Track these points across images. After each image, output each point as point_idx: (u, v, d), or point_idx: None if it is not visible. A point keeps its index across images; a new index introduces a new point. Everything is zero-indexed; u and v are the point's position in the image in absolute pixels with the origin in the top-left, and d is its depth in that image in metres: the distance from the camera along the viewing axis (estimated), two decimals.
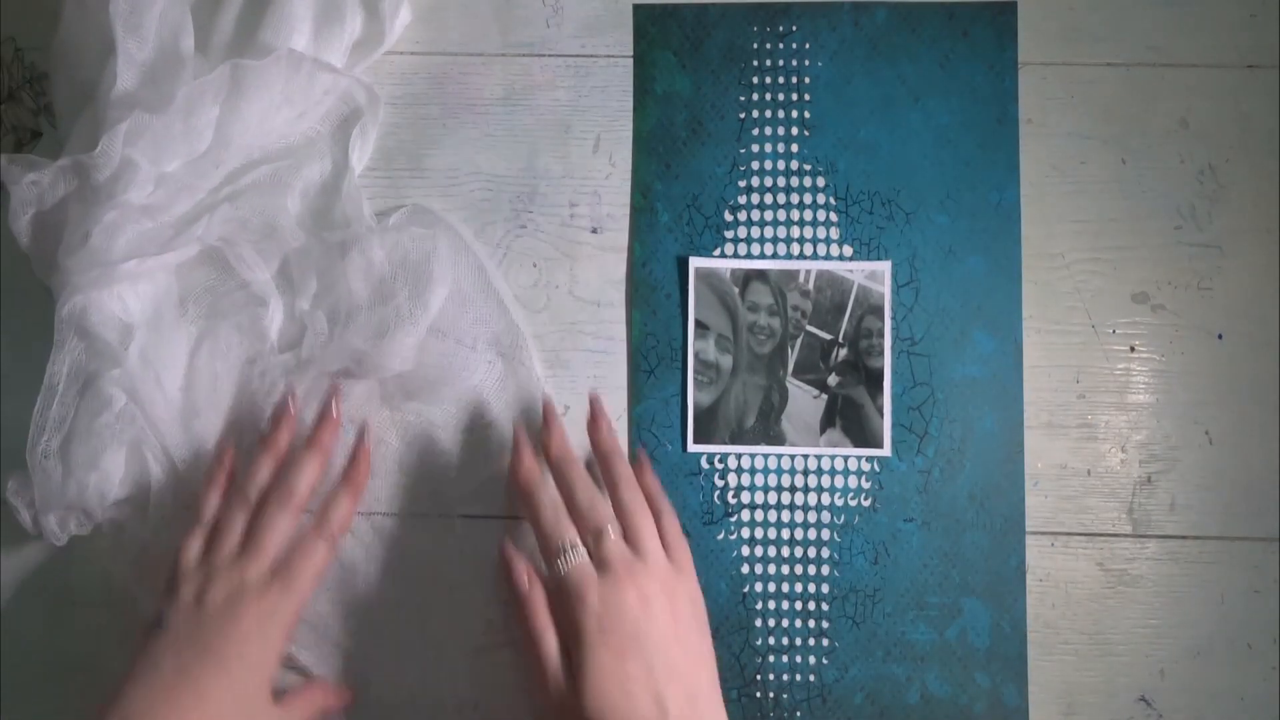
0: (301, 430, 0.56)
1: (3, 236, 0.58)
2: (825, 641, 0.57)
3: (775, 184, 0.59)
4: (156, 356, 0.56)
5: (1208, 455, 0.58)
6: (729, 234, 0.59)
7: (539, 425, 0.56)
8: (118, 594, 0.57)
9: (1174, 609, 0.57)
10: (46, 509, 0.54)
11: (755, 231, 0.59)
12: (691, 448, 0.58)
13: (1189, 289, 0.59)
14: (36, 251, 0.56)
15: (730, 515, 0.58)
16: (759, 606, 0.57)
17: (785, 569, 0.58)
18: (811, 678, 0.57)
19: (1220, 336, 0.58)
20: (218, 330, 0.58)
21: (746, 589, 0.57)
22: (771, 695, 0.57)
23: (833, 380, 0.58)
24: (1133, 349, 0.59)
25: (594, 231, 0.60)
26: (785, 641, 0.57)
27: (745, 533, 0.58)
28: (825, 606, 0.57)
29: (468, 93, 0.61)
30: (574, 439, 0.58)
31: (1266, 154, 0.59)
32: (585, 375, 0.59)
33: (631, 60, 0.61)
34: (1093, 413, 0.58)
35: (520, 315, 0.59)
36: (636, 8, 0.61)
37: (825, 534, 0.58)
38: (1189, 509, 0.58)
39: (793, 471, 0.58)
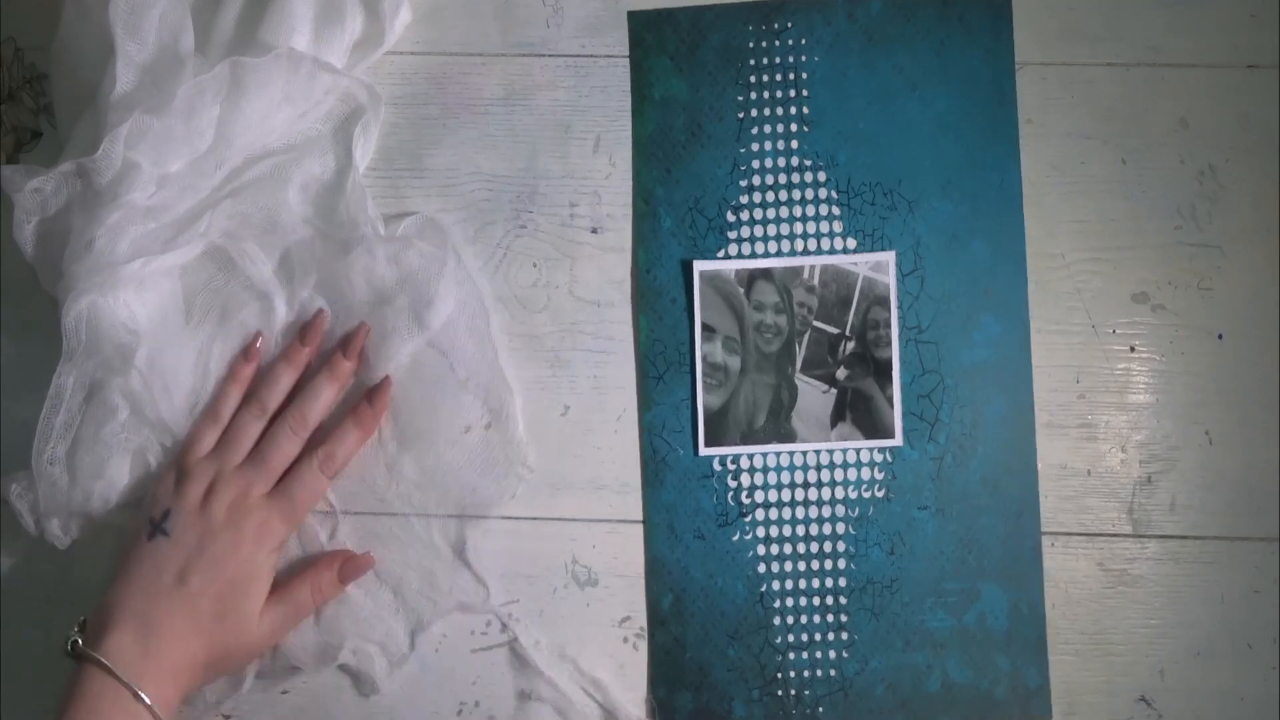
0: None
1: (2, 240, 0.58)
2: (844, 635, 0.57)
3: (776, 181, 0.59)
4: (164, 364, 0.56)
5: (1208, 455, 0.58)
6: (732, 235, 0.59)
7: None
8: None
9: (1174, 609, 0.57)
10: (50, 514, 0.54)
11: (759, 230, 0.59)
12: (703, 451, 0.58)
13: (1189, 289, 0.59)
14: (41, 261, 0.56)
15: (745, 516, 0.58)
16: (777, 605, 0.57)
17: (801, 565, 0.58)
18: (832, 672, 0.57)
19: (1220, 336, 0.58)
20: (227, 332, 0.58)
21: (764, 588, 0.57)
22: (793, 693, 0.57)
23: (841, 374, 0.58)
24: (1133, 349, 0.59)
25: (594, 231, 0.60)
26: (805, 638, 0.57)
27: (760, 532, 0.58)
28: (843, 600, 0.57)
29: (468, 93, 0.61)
30: (572, 439, 0.59)
31: (1266, 154, 0.59)
32: (585, 375, 0.59)
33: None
34: (1093, 413, 0.58)
35: (512, 375, 0.58)
36: (631, 14, 0.61)
37: (840, 527, 0.58)
38: (1189, 509, 0.58)
39: (805, 468, 0.58)
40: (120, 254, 0.54)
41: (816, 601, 0.57)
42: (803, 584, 0.58)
